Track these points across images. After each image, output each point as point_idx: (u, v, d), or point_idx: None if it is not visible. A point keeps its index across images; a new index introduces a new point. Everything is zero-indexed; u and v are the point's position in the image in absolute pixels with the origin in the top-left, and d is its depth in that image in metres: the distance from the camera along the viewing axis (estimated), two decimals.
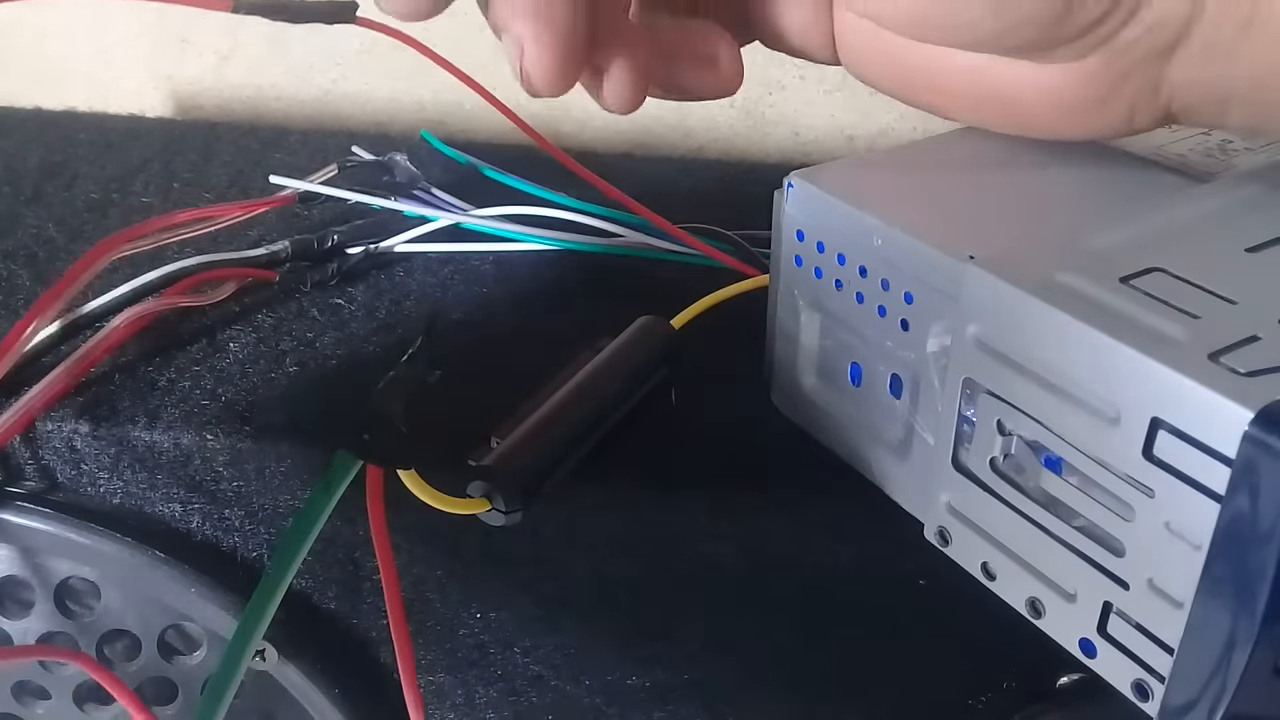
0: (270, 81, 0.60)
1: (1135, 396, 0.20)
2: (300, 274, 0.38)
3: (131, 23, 0.60)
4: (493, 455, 0.27)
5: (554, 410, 0.29)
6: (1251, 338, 0.20)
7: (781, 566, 0.31)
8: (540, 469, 0.28)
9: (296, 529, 0.23)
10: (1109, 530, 0.22)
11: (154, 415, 0.31)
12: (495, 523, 0.27)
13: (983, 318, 0.23)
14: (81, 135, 0.51)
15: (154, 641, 0.34)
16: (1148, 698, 0.21)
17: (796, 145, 0.56)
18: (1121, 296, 0.21)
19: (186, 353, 0.34)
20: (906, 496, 0.28)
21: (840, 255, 0.27)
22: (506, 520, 0.27)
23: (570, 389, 0.29)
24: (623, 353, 0.31)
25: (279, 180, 0.43)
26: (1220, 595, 0.19)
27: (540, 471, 0.28)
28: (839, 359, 0.29)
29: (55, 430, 0.31)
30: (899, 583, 0.30)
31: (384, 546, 0.25)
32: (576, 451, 0.29)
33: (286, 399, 0.32)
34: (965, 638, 0.30)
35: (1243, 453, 0.18)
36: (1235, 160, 0.28)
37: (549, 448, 0.28)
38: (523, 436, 0.28)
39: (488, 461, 0.27)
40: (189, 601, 0.32)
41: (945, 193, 0.27)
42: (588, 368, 0.30)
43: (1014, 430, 0.23)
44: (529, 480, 0.27)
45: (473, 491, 0.27)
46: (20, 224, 0.42)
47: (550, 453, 0.28)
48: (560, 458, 0.28)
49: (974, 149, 0.29)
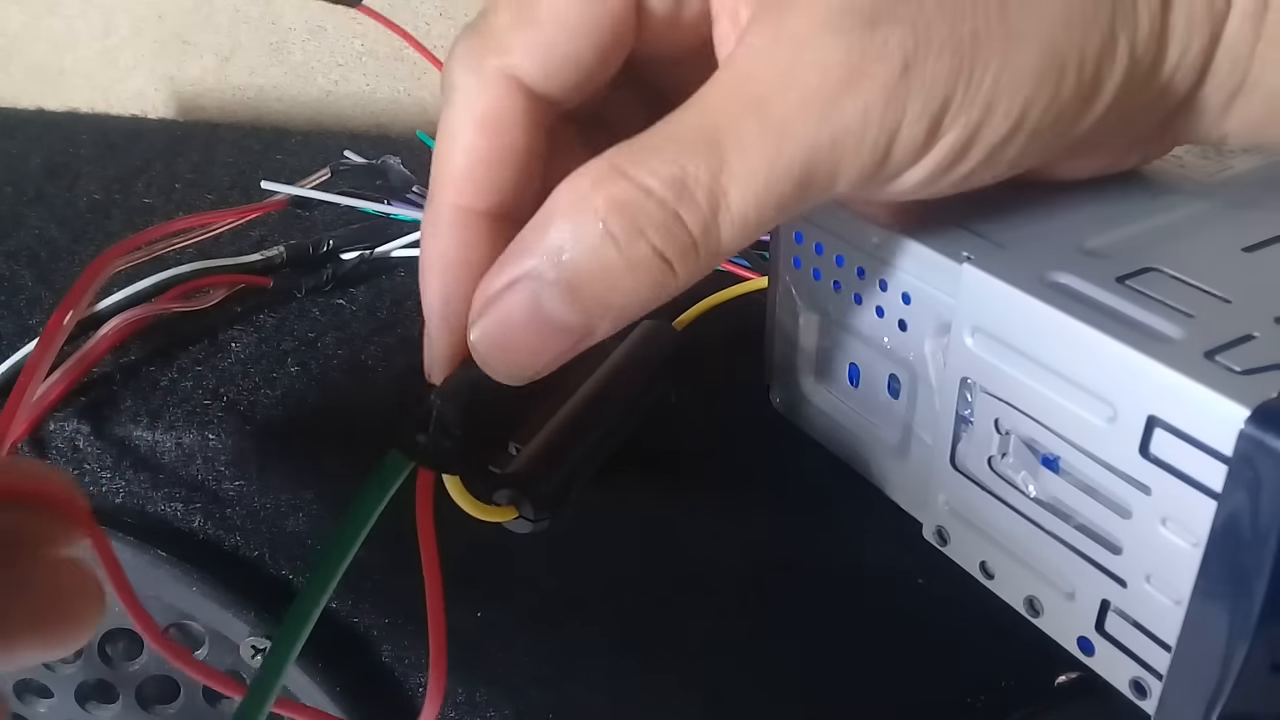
0: (271, 83, 0.61)
1: (1132, 395, 0.20)
2: (295, 279, 0.38)
3: (133, 24, 0.60)
4: (518, 462, 0.27)
5: (571, 417, 0.29)
6: (1247, 336, 0.20)
7: (782, 566, 0.31)
8: (564, 477, 0.28)
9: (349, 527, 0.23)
10: (1106, 528, 0.22)
11: (156, 415, 0.31)
12: (521, 530, 0.27)
13: (980, 318, 0.23)
14: (84, 136, 0.51)
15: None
16: (1146, 695, 0.22)
17: None
18: (1118, 296, 0.21)
19: (188, 353, 0.34)
20: (905, 496, 0.28)
21: (839, 256, 0.27)
22: (534, 528, 0.27)
23: (584, 395, 0.29)
24: (631, 357, 0.31)
25: (271, 186, 0.43)
26: (1218, 592, 0.19)
27: (565, 479, 0.28)
28: (837, 359, 0.29)
29: (58, 430, 0.31)
30: (898, 582, 0.30)
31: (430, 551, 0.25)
32: (596, 459, 0.29)
33: (287, 398, 0.32)
34: (963, 636, 0.31)
35: (1239, 450, 0.18)
36: (1231, 161, 0.28)
37: (570, 456, 0.28)
38: (544, 444, 0.28)
39: (514, 469, 0.27)
40: (190, 600, 0.33)
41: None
42: (598, 373, 0.30)
43: (1011, 429, 0.23)
44: (556, 488, 0.27)
45: (500, 499, 0.27)
46: (23, 224, 0.43)
47: (572, 460, 0.28)
48: (581, 465, 0.28)
49: None
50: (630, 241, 0.20)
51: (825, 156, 0.20)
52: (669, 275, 0.20)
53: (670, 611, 0.33)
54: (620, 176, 0.20)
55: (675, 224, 0.20)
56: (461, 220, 0.23)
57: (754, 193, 0.20)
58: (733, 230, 0.20)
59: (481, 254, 0.23)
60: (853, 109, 0.20)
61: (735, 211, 0.20)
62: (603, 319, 0.21)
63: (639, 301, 0.21)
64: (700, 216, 0.20)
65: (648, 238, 0.20)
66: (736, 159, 0.20)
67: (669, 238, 0.20)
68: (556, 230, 0.20)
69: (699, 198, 0.20)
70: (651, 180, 0.20)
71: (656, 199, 0.20)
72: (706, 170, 0.20)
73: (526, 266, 0.20)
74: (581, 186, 0.20)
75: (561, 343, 0.21)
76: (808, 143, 0.20)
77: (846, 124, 0.20)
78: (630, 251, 0.20)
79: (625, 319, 0.21)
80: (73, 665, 0.35)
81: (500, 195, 0.23)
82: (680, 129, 0.20)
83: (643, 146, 0.20)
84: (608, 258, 0.20)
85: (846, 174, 0.20)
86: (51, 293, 0.38)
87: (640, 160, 0.20)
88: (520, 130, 0.23)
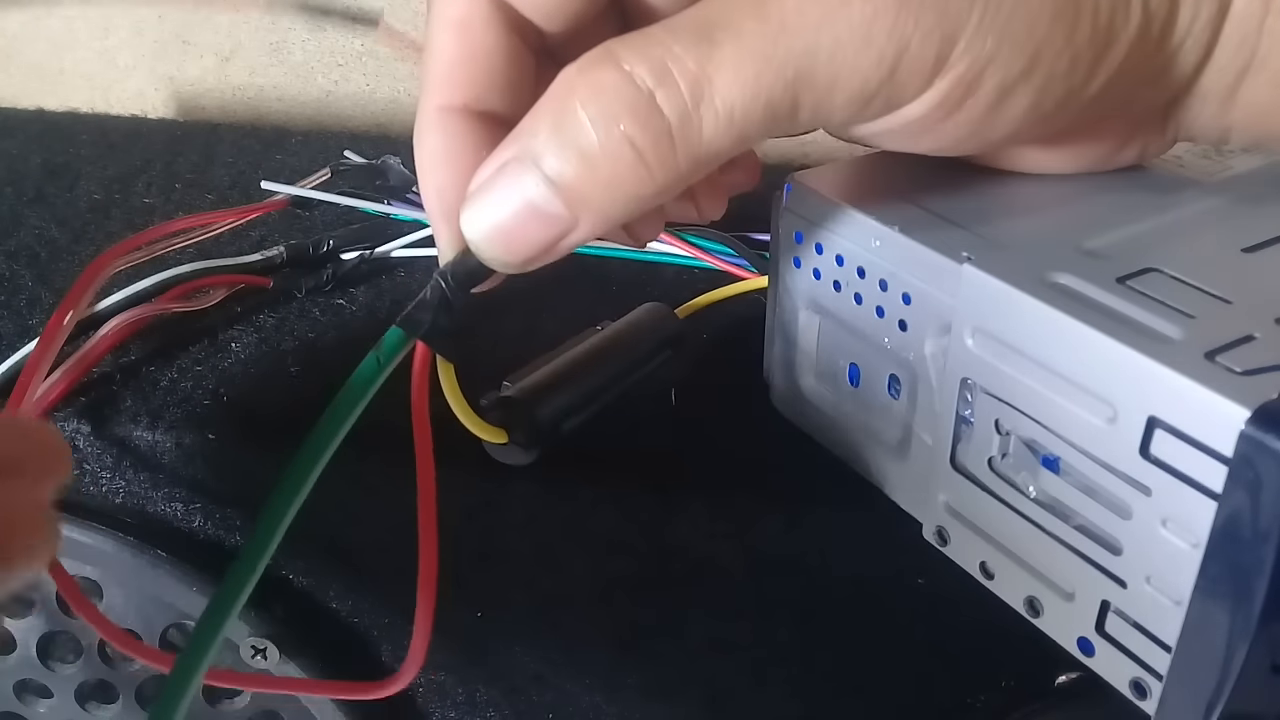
0: (272, 83, 0.61)
1: (1132, 395, 0.20)
2: (295, 279, 0.38)
3: (133, 24, 0.60)
4: (514, 388, 0.27)
5: (568, 364, 0.29)
6: (1247, 337, 0.20)
7: (781, 566, 0.31)
8: (557, 409, 0.27)
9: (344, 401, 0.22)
10: (1106, 529, 0.22)
11: (156, 415, 0.32)
12: (511, 459, 0.26)
13: (980, 318, 0.23)
14: (84, 136, 0.51)
15: (156, 640, 0.34)
16: (1146, 696, 0.22)
17: (795, 146, 0.56)
18: (1118, 296, 0.21)
19: (189, 353, 0.34)
20: (905, 496, 0.28)
21: (839, 256, 0.27)
22: (526, 456, 0.26)
23: (584, 349, 0.29)
24: (631, 325, 0.31)
25: (271, 186, 0.43)
26: (1218, 593, 0.19)
27: (557, 412, 0.27)
28: (837, 359, 0.29)
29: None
30: (898, 582, 0.30)
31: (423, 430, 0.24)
32: (590, 403, 0.29)
33: (287, 398, 0.32)
34: (963, 637, 0.31)
35: (1239, 451, 0.18)
36: (1231, 161, 0.28)
37: (567, 392, 0.28)
38: (538, 380, 0.28)
39: (510, 393, 0.27)
40: (191, 600, 0.33)
41: (942, 194, 0.27)
42: (597, 335, 0.30)
43: (1011, 430, 0.23)
44: (548, 415, 0.27)
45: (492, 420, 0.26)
46: (23, 224, 0.43)
47: (568, 396, 0.28)
48: (578, 404, 0.28)
49: None
50: (605, 127, 0.19)
51: (824, 63, 0.19)
52: (642, 169, 0.20)
53: (670, 611, 0.33)
54: (607, 62, 0.19)
55: (650, 110, 0.19)
56: (444, 120, 0.23)
57: (740, 85, 0.19)
58: (715, 124, 0.20)
59: (465, 146, 0.23)
60: (860, 15, 0.19)
61: (719, 103, 0.19)
62: (583, 211, 0.20)
63: (617, 199, 0.20)
64: (679, 103, 0.19)
65: (621, 124, 0.19)
66: (728, 49, 0.19)
67: (643, 125, 0.19)
68: (540, 115, 0.20)
69: (681, 85, 0.19)
70: (638, 66, 0.19)
71: (635, 83, 0.19)
72: (694, 58, 0.19)
73: (513, 151, 0.20)
74: (569, 73, 0.20)
75: (546, 231, 0.21)
76: (806, 44, 0.19)
77: (851, 30, 0.19)
78: (604, 138, 0.19)
79: (606, 217, 0.21)
80: (73, 665, 0.35)
81: (475, 90, 0.23)
82: (679, 21, 0.20)
83: (640, 34, 0.20)
84: (583, 143, 0.20)
85: (845, 87, 0.20)
86: (52, 293, 0.38)
87: (633, 47, 0.20)
88: (490, 31, 0.22)
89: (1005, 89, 0.21)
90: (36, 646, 0.34)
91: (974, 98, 0.21)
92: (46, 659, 0.35)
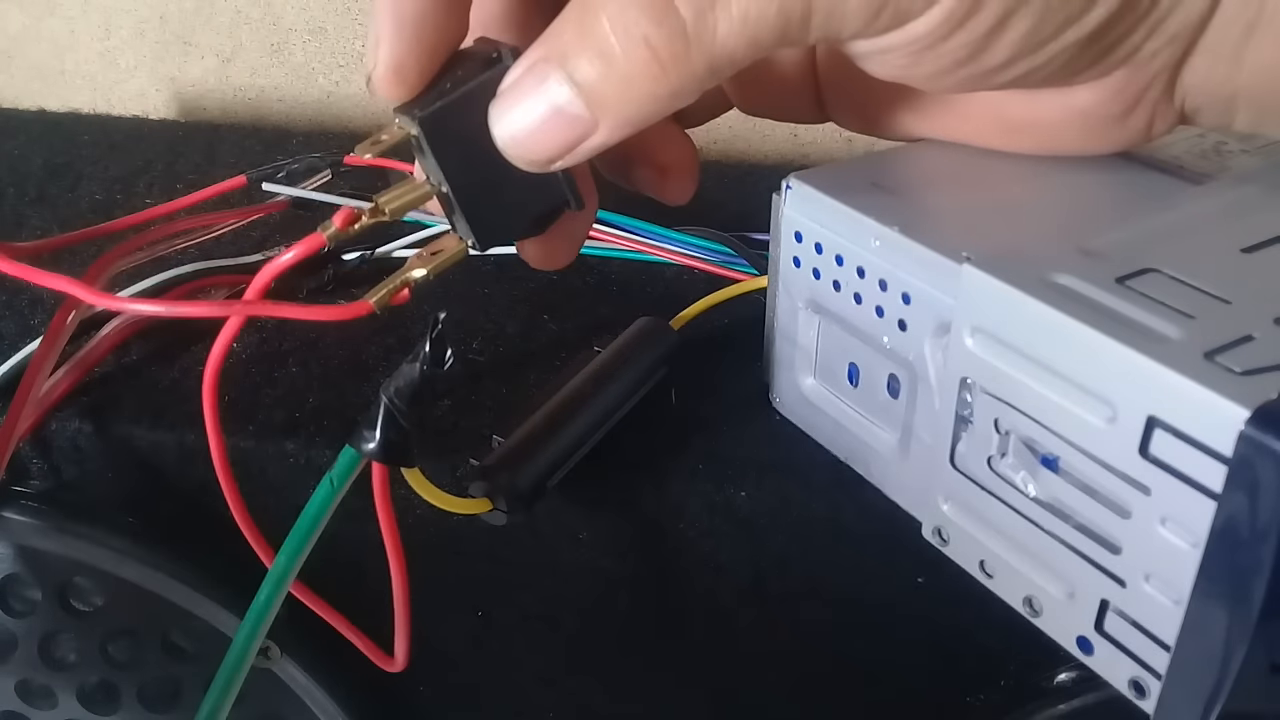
0: (273, 84, 0.61)
1: (1131, 395, 0.20)
2: (296, 280, 0.38)
3: (135, 25, 0.60)
4: (494, 455, 0.27)
5: (556, 410, 0.29)
6: (1247, 337, 0.20)
7: (781, 566, 0.31)
8: (542, 469, 0.28)
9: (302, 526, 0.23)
10: (1106, 528, 0.22)
11: (158, 415, 0.32)
12: (497, 522, 0.27)
13: (979, 318, 0.23)
14: (85, 137, 0.51)
15: (157, 640, 0.34)
16: (1145, 695, 0.22)
17: (795, 147, 0.56)
18: (1117, 296, 0.21)
19: (190, 353, 0.34)
20: (904, 496, 0.28)
21: (838, 256, 0.27)
22: (509, 520, 0.27)
23: (572, 389, 0.30)
24: (623, 353, 0.31)
25: (272, 187, 0.43)
26: (1217, 593, 0.19)
27: (542, 471, 0.28)
28: (837, 359, 0.29)
29: (60, 430, 0.31)
30: (897, 581, 0.30)
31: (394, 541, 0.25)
32: (579, 452, 0.29)
33: (287, 398, 0.32)
34: (963, 636, 0.31)
35: (1239, 451, 0.18)
36: (1230, 162, 0.28)
37: (551, 447, 0.28)
38: (525, 436, 0.28)
39: (490, 461, 0.27)
40: (192, 600, 0.33)
41: (942, 194, 0.27)
42: (589, 368, 0.30)
43: (1011, 429, 0.23)
44: (531, 480, 0.27)
45: (474, 491, 0.27)
46: (25, 225, 0.43)
47: (552, 453, 0.28)
48: (562, 458, 0.28)
49: (971, 151, 0.29)
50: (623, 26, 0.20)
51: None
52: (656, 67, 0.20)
53: (670, 611, 0.33)
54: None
55: (667, 9, 0.20)
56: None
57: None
58: (729, 26, 0.20)
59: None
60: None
61: (734, 6, 0.20)
62: (602, 112, 0.21)
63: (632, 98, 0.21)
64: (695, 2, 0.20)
65: (640, 24, 0.20)
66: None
67: (658, 23, 0.20)
68: (567, 16, 0.21)
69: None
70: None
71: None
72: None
73: (541, 51, 0.21)
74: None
75: (568, 133, 0.22)
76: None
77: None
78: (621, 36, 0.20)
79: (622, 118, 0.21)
80: (72, 670, 0.35)
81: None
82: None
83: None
84: (602, 42, 0.20)
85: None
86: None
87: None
88: None
89: (1008, 9, 0.21)
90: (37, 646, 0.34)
91: (976, 17, 0.21)
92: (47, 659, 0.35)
